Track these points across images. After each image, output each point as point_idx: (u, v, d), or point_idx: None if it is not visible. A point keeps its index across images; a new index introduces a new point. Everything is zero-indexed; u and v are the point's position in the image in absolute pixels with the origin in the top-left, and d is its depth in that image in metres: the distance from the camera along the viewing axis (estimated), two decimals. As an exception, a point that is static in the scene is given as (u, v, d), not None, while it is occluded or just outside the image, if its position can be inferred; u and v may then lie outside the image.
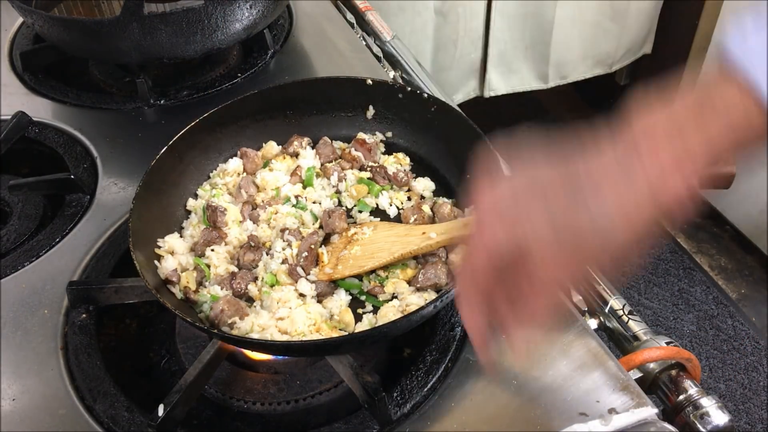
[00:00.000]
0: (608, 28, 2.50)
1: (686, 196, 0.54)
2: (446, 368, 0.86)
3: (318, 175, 1.05)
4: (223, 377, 0.89)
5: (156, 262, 0.92)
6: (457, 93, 2.55)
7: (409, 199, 1.03)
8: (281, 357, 0.90)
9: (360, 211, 1.01)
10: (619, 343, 0.96)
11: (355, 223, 0.99)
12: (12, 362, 0.90)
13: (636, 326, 0.95)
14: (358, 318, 0.88)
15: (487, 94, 2.59)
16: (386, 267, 0.91)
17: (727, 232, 2.66)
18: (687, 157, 0.53)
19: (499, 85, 2.58)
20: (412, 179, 1.04)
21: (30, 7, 1.26)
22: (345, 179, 1.04)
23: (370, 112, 1.11)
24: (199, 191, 1.03)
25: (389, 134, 1.11)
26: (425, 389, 0.84)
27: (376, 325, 0.82)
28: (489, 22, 2.38)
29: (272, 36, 1.45)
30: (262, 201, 1.02)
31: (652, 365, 0.88)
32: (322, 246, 0.95)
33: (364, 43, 1.51)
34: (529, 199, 0.59)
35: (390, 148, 1.10)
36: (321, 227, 0.98)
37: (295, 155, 1.08)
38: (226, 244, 0.95)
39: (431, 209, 0.98)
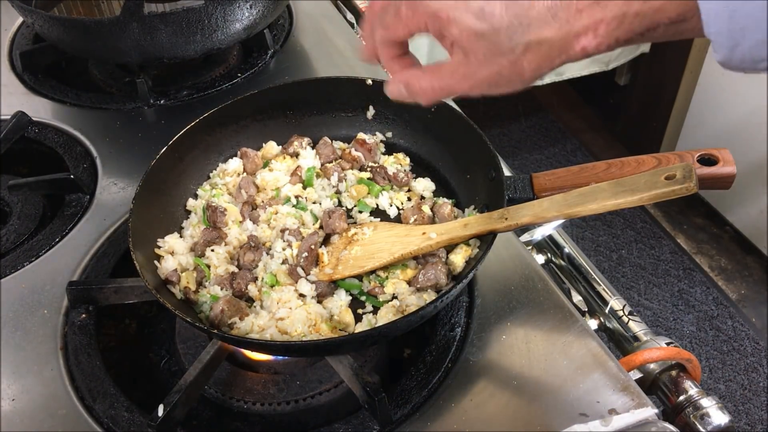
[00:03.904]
0: (606, 26, 2.50)
1: (590, 54, 0.59)
2: (446, 369, 0.86)
3: (318, 176, 1.05)
4: (223, 377, 0.89)
5: (156, 262, 0.92)
6: (454, 90, 2.55)
7: (409, 199, 1.03)
8: (281, 357, 0.90)
9: (360, 212, 1.01)
10: (619, 343, 0.96)
11: (355, 223, 0.99)
12: (12, 362, 0.90)
13: (636, 327, 0.95)
14: (358, 318, 0.88)
15: (483, 89, 2.59)
16: (386, 267, 0.91)
17: (727, 233, 2.66)
18: (600, 22, 0.56)
19: None
20: (412, 179, 1.04)
21: (30, 7, 1.26)
22: (345, 179, 1.04)
23: (370, 112, 1.11)
24: (199, 191, 1.03)
25: (389, 134, 1.11)
26: (425, 389, 0.84)
27: (376, 326, 0.82)
28: None
29: (272, 36, 1.45)
30: (262, 201, 1.02)
31: (652, 366, 0.88)
32: (323, 246, 0.95)
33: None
34: None
35: (390, 148, 1.10)
36: (321, 227, 0.97)
37: (295, 155, 1.08)
38: (226, 244, 0.95)
39: (431, 209, 0.98)
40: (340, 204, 1.03)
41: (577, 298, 1.02)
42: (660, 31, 0.56)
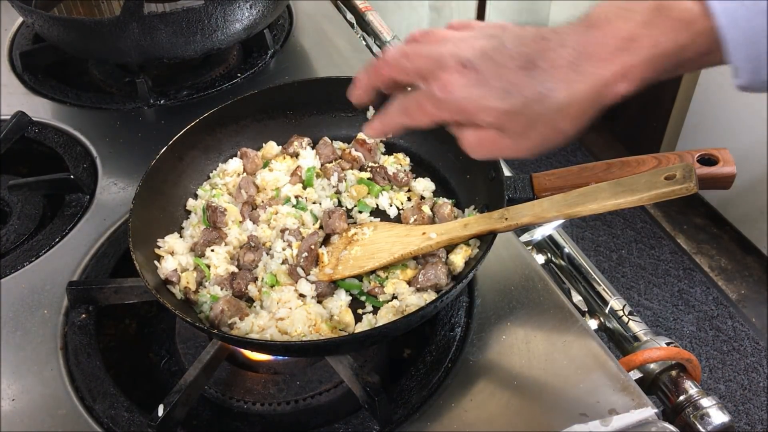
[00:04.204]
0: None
1: (624, 97, 0.59)
2: (446, 368, 0.86)
3: (318, 176, 1.05)
4: (223, 377, 0.89)
5: (156, 262, 0.92)
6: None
7: (409, 199, 1.03)
8: (281, 357, 0.90)
9: (360, 212, 1.01)
10: (619, 343, 0.96)
11: (355, 223, 0.99)
12: (12, 362, 0.90)
13: (636, 327, 0.95)
14: (358, 318, 0.87)
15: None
16: (386, 267, 0.91)
17: (727, 233, 2.66)
18: (631, 67, 0.56)
19: None
20: (412, 179, 1.04)
21: (30, 7, 1.26)
22: (345, 179, 1.04)
23: (370, 112, 1.11)
24: (199, 191, 1.03)
25: (389, 134, 1.11)
26: (425, 389, 0.84)
27: (376, 326, 0.82)
28: (483, 18, 2.40)
29: (272, 36, 1.45)
30: (262, 201, 1.02)
31: (652, 366, 0.88)
32: (323, 246, 0.95)
33: (364, 43, 1.51)
34: (490, 47, 0.60)
35: (390, 149, 1.10)
36: (321, 227, 0.98)
37: (295, 155, 1.08)
38: (226, 245, 0.95)
39: (431, 209, 0.98)
40: (340, 204, 1.03)
41: (577, 298, 1.02)
42: (687, 67, 0.56)
